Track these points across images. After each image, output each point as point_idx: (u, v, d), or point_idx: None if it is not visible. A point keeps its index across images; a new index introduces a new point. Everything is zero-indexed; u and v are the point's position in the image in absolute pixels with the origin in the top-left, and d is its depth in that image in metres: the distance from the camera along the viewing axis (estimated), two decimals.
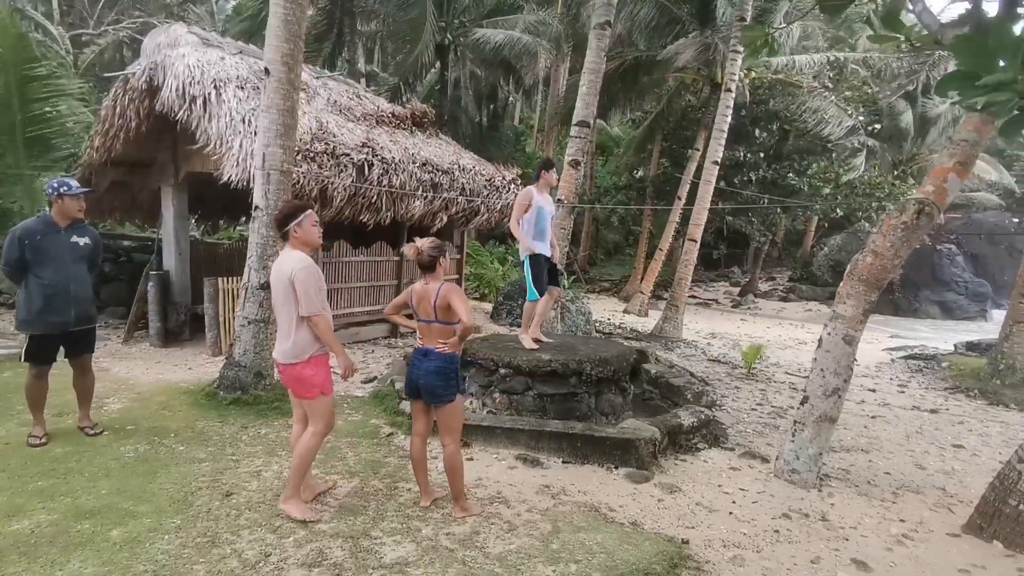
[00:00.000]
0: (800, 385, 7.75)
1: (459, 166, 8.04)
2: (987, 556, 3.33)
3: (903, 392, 7.56)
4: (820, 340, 4.32)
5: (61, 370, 4.27)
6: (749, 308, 18.73)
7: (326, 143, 6.26)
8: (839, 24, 15.65)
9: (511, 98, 28.08)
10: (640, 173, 23.46)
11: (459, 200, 7.71)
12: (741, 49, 10.34)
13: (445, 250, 3.39)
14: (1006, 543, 3.41)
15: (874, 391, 7.53)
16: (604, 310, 15.41)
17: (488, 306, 12.54)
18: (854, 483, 4.32)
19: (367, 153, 6.65)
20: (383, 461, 4.17)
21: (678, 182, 14.97)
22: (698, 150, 14.09)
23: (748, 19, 10.45)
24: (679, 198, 14.54)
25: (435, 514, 3.41)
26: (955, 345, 10.60)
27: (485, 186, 8.33)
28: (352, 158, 6.44)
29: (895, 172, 18.85)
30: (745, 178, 14.79)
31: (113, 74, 6.88)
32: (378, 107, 8.14)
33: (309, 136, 6.18)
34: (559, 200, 7.66)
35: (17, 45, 6.40)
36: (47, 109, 6.98)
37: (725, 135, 10.88)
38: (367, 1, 14.72)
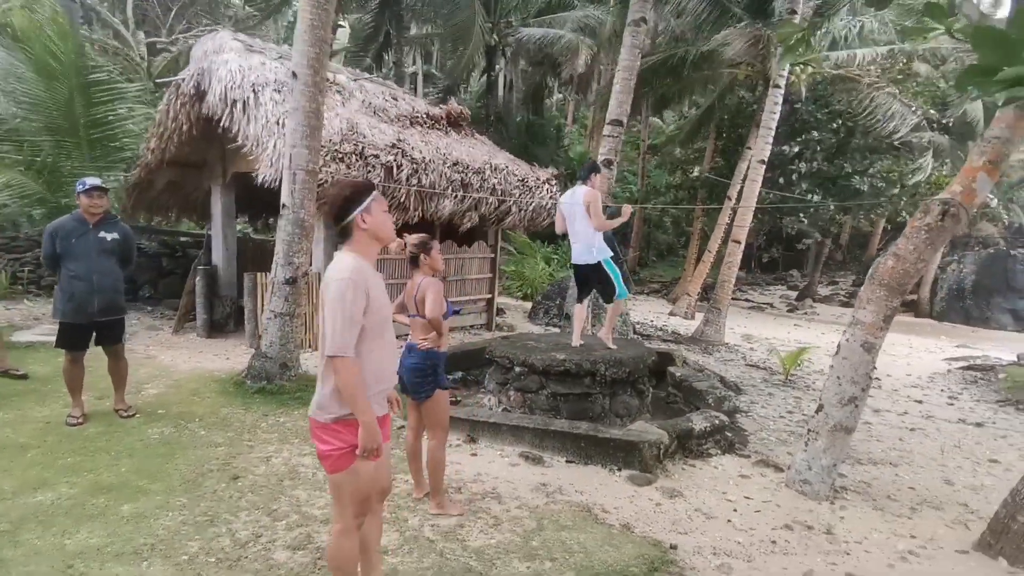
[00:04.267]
0: None
1: (491, 166, 8.11)
2: (990, 574, 3.12)
3: (952, 404, 7.09)
4: (838, 347, 4.14)
5: (103, 357, 4.60)
6: (806, 313, 17.94)
7: (355, 144, 6.47)
8: (908, 13, 14.71)
9: (564, 97, 28.00)
10: (696, 172, 22.92)
11: (489, 200, 7.78)
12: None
13: (430, 247, 3.44)
14: (1011, 560, 3.19)
15: (921, 402, 7.10)
16: (649, 312, 15.15)
17: (529, 305, 12.58)
18: (872, 497, 4.10)
19: (396, 154, 6.83)
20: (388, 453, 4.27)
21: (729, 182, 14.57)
22: (750, 148, 13.64)
23: (799, 12, 10.02)
24: (729, 198, 14.11)
25: (425, 506, 3.49)
26: (1018, 356, 9.84)
27: (518, 186, 8.37)
28: (380, 159, 6.62)
29: None
30: (794, 176, 14.21)
31: (165, 80, 7.35)
32: (413, 108, 8.33)
33: (339, 137, 6.41)
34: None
35: (78, 51, 6.91)
36: (108, 112, 7.52)
37: (773, 133, 10.50)
38: (415, 4, 15.03)
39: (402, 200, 6.79)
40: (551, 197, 8.81)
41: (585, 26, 15.41)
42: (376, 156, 6.61)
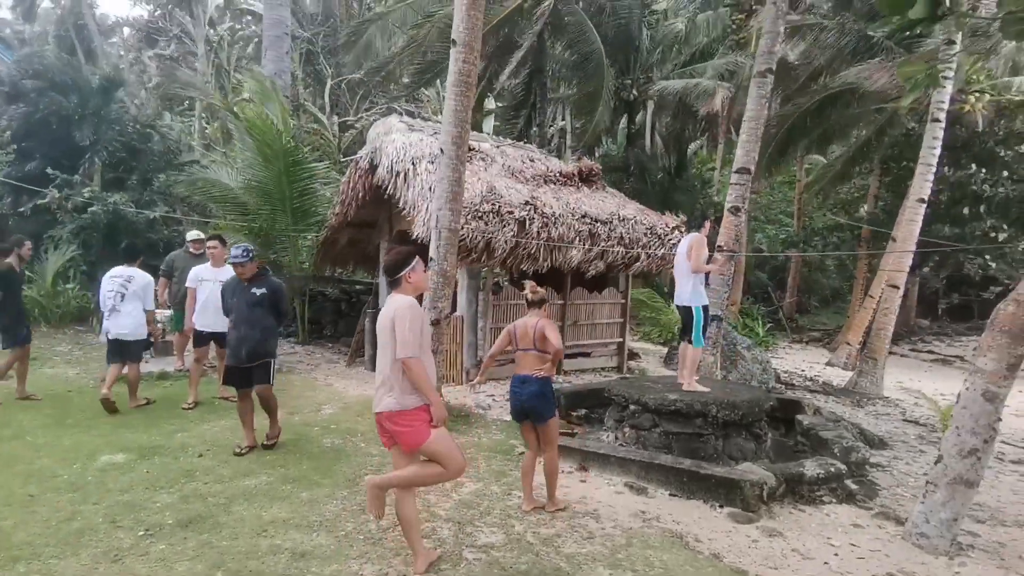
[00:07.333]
0: (1012, 456, 6.66)
1: (619, 216, 8.64)
2: None
3: None
4: (958, 396, 4.01)
5: (309, 388, 5.80)
6: None
7: (492, 203, 7.42)
8: None
9: (712, 140, 27.66)
10: (863, 211, 21.27)
11: (615, 249, 8.29)
12: (950, 74, 9.36)
13: (546, 300, 4.17)
14: None
15: None
16: (803, 361, 14.33)
17: (665, 350, 12.64)
18: (1000, 556, 3.84)
19: (529, 210, 7.66)
20: (507, 472, 4.89)
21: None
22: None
23: (959, 43, 9.39)
24: (893, 239, 13.08)
25: (532, 518, 4.03)
26: None
27: (645, 234, 8.78)
28: (515, 215, 7.48)
29: None
30: (975, 209, 12.80)
31: (349, 158, 9.00)
32: (547, 167, 9.20)
33: (479, 198, 7.39)
34: (719, 247, 7.80)
35: (286, 140, 8.89)
36: (306, 186, 9.38)
37: (933, 169, 9.81)
38: (559, 70, 16.32)
39: (532, 252, 7.58)
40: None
41: (725, 72, 15.56)
42: (510, 213, 7.49)
